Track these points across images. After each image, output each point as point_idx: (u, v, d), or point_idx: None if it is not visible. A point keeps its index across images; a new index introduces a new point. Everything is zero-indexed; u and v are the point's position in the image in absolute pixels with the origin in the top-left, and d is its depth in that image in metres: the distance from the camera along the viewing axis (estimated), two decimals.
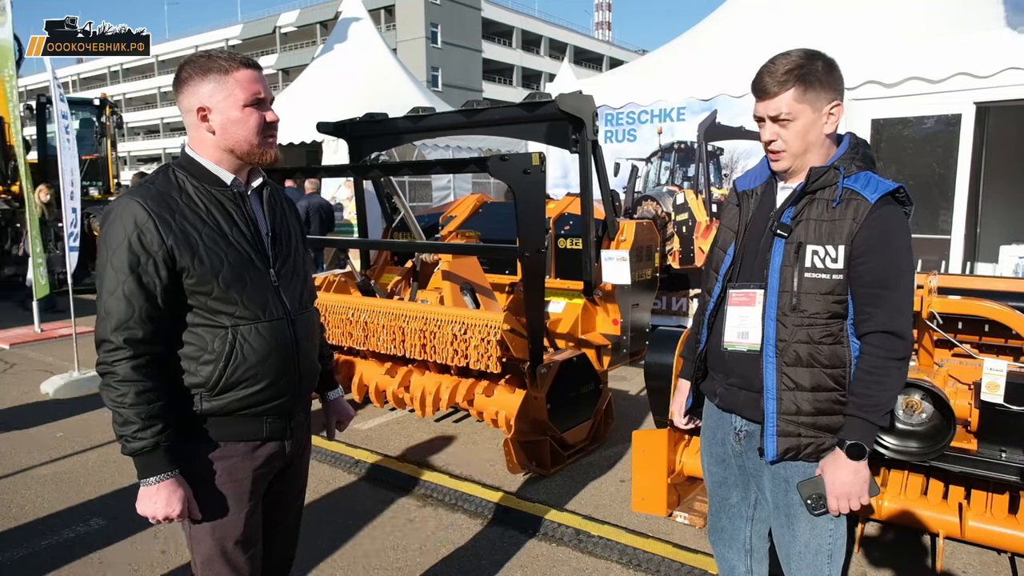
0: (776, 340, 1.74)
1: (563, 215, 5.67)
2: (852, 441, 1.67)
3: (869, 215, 1.64)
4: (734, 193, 1.96)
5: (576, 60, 49.83)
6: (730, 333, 1.85)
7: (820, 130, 1.72)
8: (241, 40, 49.69)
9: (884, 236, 1.64)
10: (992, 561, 3.00)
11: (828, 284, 1.68)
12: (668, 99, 7.01)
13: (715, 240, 2.00)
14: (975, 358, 3.11)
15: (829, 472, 1.70)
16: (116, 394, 1.55)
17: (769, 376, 1.76)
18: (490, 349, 3.68)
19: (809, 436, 1.74)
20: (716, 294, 1.91)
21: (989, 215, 6.92)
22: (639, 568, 2.99)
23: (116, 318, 1.55)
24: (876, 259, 1.64)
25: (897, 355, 1.65)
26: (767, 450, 1.78)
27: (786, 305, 1.72)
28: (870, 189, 1.66)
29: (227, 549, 1.72)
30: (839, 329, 1.71)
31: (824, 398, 1.73)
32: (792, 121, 1.71)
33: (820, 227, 1.69)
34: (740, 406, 1.88)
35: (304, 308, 1.82)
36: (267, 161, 1.72)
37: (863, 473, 1.68)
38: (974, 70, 5.39)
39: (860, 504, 1.70)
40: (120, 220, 1.57)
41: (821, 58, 1.71)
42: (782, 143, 1.74)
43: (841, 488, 1.68)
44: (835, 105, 1.71)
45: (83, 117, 12.50)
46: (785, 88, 1.69)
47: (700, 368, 2.01)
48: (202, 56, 1.66)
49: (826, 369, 1.71)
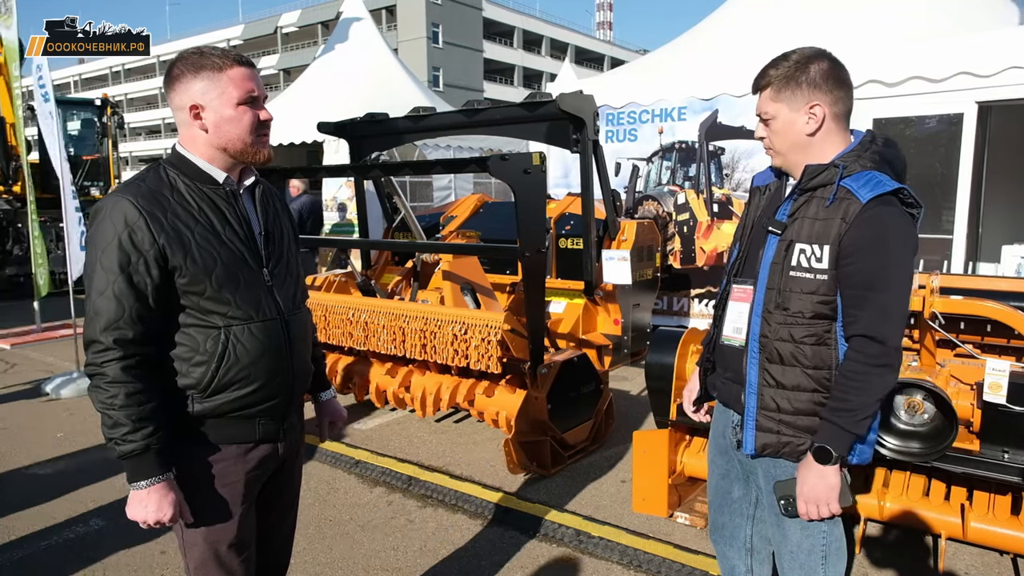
0: (760, 336, 1.75)
1: (564, 215, 5.66)
2: (820, 444, 1.64)
3: (859, 215, 1.59)
4: (751, 189, 1.98)
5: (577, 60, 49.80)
6: (727, 328, 1.87)
7: (799, 129, 1.71)
8: (242, 40, 49.72)
9: (874, 237, 1.59)
10: (994, 562, 2.98)
11: (812, 284, 1.66)
12: (669, 99, 7.00)
13: (735, 236, 2.02)
14: (977, 358, 3.10)
15: (800, 475, 1.69)
16: (106, 396, 1.52)
17: (752, 371, 1.76)
18: (491, 349, 3.67)
19: (788, 435, 1.74)
20: (723, 288, 1.93)
21: (991, 215, 6.90)
22: (640, 569, 2.98)
23: (106, 318, 1.52)
24: (864, 261, 1.59)
25: (877, 361, 1.59)
26: (746, 444, 1.80)
27: (771, 302, 1.72)
28: (866, 189, 1.60)
29: (220, 552, 1.70)
30: (824, 330, 1.68)
31: (805, 398, 1.71)
32: (772, 119, 1.75)
33: (813, 226, 1.67)
34: (731, 400, 1.90)
35: (297, 308, 1.81)
36: (260, 160, 1.70)
37: (830, 479, 1.64)
38: (976, 69, 5.37)
39: (829, 512, 1.66)
40: (110, 218, 1.53)
41: (818, 59, 1.69)
42: (769, 140, 1.78)
43: (809, 492, 1.66)
44: (814, 105, 1.68)
45: (84, 117, 12.51)
46: (762, 88, 1.75)
47: (709, 361, 2.02)
48: (194, 53, 1.63)
49: (808, 369, 1.69)
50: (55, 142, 6.09)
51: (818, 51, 1.72)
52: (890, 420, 2.67)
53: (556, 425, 3.90)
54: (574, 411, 4.06)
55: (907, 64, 5.65)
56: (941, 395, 2.56)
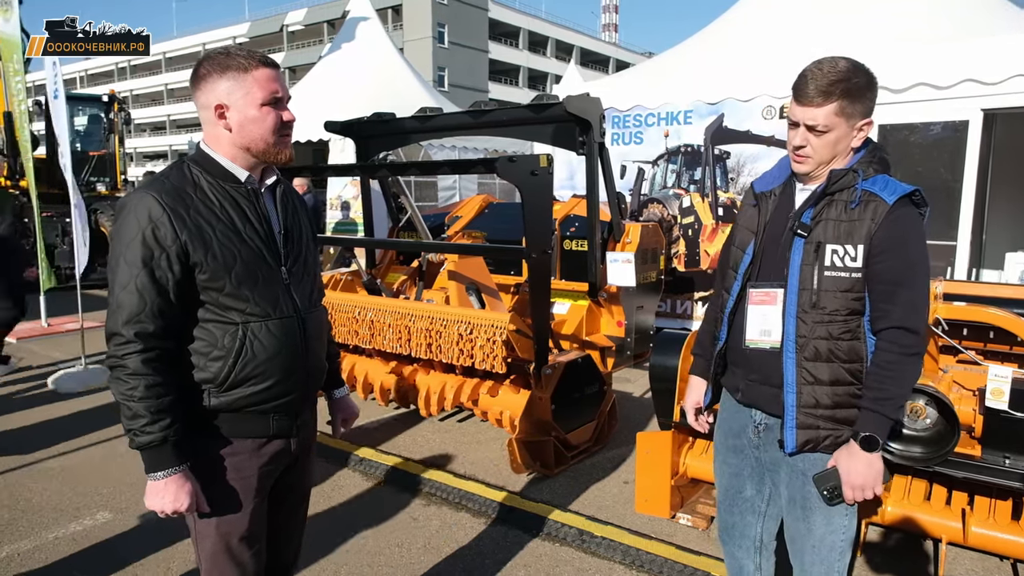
0: (796, 336, 1.80)
1: (569, 217, 5.67)
2: (866, 433, 1.72)
3: (887, 216, 1.70)
4: (751, 194, 2.00)
5: (582, 61, 49.87)
6: (752, 331, 1.90)
7: (848, 143, 1.78)
8: (248, 38, 49.77)
9: (901, 236, 1.70)
10: (994, 567, 3.00)
11: (847, 282, 1.75)
12: (675, 102, 7.02)
13: (730, 239, 2.03)
14: (980, 364, 3.12)
15: (844, 463, 1.76)
16: (126, 387, 1.55)
17: (789, 371, 1.81)
18: (496, 349, 3.70)
19: (828, 428, 1.80)
20: (735, 292, 1.95)
21: (995, 222, 6.92)
22: (642, 569, 3.00)
23: (128, 311, 1.55)
24: (893, 258, 1.70)
25: (911, 351, 1.70)
26: (787, 442, 1.84)
27: (806, 302, 1.78)
28: (888, 191, 1.72)
29: (232, 545, 1.73)
30: (856, 325, 1.77)
31: (842, 392, 1.79)
32: (827, 133, 1.74)
33: (839, 227, 1.75)
34: (761, 401, 1.93)
35: (314, 306, 1.84)
36: (282, 160, 1.73)
37: (877, 464, 1.74)
38: (982, 76, 5.39)
39: (874, 494, 1.75)
40: (134, 213, 1.56)
41: (864, 72, 1.74)
42: (811, 149, 1.78)
43: (856, 478, 1.74)
44: (867, 123, 1.76)
45: (91, 113, 12.55)
46: (829, 101, 1.71)
47: (720, 364, 2.05)
48: (221, 53, 1.66)
49: (844, 364, 1.78)
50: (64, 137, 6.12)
51: (861, 65, 1.75)
52: None
53: (560, 425, 3.92)
54: (577, 412, 4.09)
55: (913, 70, 5.66)
56: (943, 400, 2.57)
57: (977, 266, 6.34)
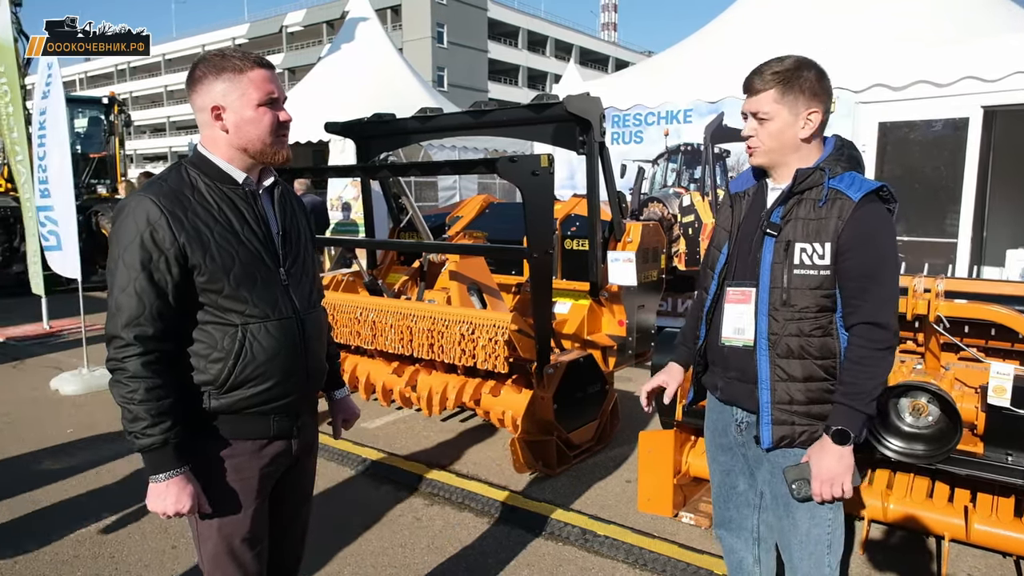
0: (769, 334, 1.82)
1: (569, 216, 5.67)
2: (838, 427, 1.73)
3: (853, 213, 1.72)
4: (727, 195, 2.04)
5: (582, 61, 49.86)
6: (727, 329, 1.93)
7: (795, 133, 1.80)
8: (247, 39, 49.78)
9: (868, 232, 1.72)
10: (997, 564, 3.00)
11: (816, 279, 1.77)
12: (675, 101, 7.02)
13: (711, 240, 2.08)
14: (982, 362, 3.12)
15: (815, 457, 1.77)
16: (126, 390, 1.55)
17: (763, 368, 1.83)
18: (498, 349, 3.70)
19: (803, 424, 1.82)
20: (713, 291, 1.99)
21: (996, 219, 6.90)
22: (645, 568, 3.01)
23: (127, 314, 1.56)
24: (861, 254, 1.72)
25: (882, 345, 1.72)
26: (763, 438, 1.86)
27: (777, 300, 1.80)
28: (854, 188, 1.74)
29: (234, 546, 1.73)
30: (828, 322, 1.79)
31: (816, 387, 1.80)
32: (769, 120, 1.80)
33: (808, 226, 1.77)
34: (739, 398, 1.96)
35: (313, 307, 1.84)
36: (279, 161, 1.73)
37: (847, 459, 1.74)
38: (982, 74, 5.38)
39: (842, 491, 1.75)
40: (132, 216, 1.57)
41: (813, 68, 1.80)
42: (757, 140, 1.84)
43: (826, 473, 1.74)
44: (812, 112, 1.79)
45: (91, 115, 12.54)
46: (767, 87, 1.79)
47: (700, 363, 2.08)
48: (216, 55, 1.67)
49: (816, 360, 1.79)
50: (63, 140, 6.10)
51: (810, 60, 1.82)
52: (895, 422, 2.70)
53: (562, 425, 3.93)
54: (580, 411, 4.09)
55: (913, 68, 5.66)
56: (945, 398, 2.58)
57: (978, 263, 6.34)
